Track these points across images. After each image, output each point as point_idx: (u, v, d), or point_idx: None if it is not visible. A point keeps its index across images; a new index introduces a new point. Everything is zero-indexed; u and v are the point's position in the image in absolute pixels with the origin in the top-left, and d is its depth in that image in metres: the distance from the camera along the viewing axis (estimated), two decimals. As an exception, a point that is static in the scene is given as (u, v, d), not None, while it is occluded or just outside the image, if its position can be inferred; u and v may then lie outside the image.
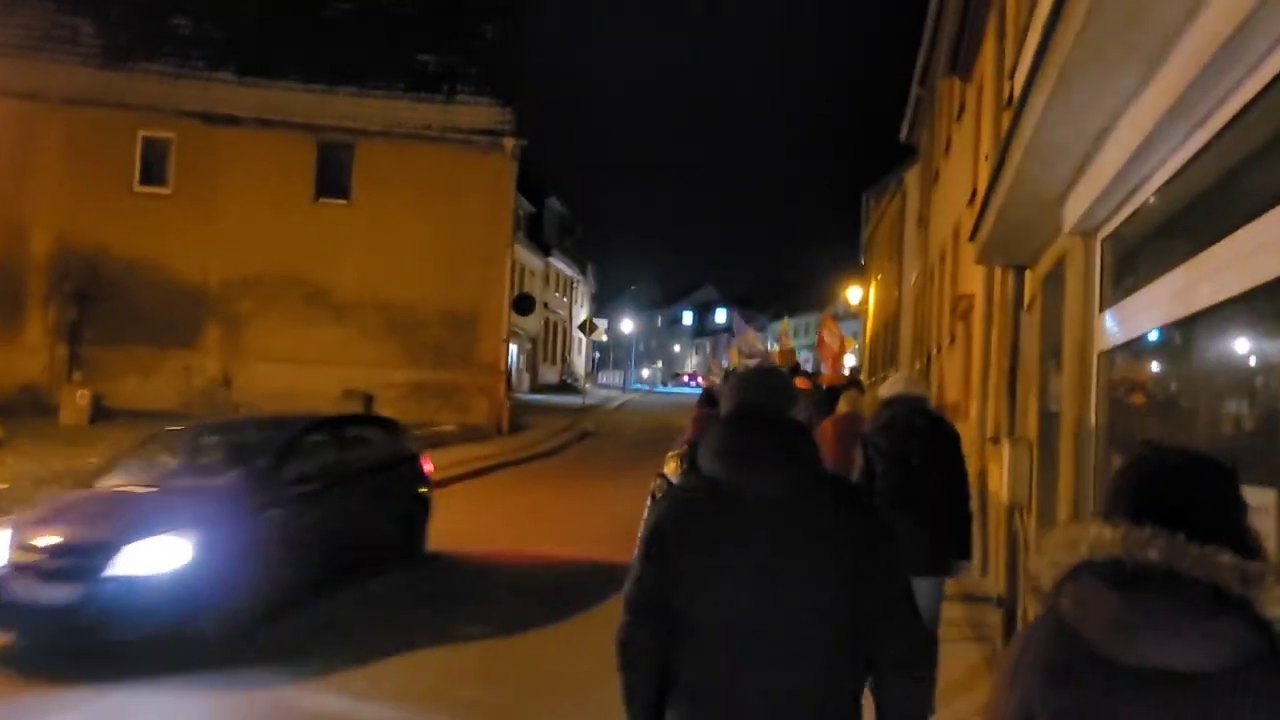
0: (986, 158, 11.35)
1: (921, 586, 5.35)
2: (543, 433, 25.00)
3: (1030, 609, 5.31)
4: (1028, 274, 8.00)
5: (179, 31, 24.37)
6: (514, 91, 25.09)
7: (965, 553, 6.03)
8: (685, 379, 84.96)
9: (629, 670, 2.56)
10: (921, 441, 5.89)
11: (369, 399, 23.43)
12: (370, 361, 23.67)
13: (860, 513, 2.53)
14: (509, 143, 24.12)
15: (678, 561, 2.47)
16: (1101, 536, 1.75)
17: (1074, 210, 5.48)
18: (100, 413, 20.39)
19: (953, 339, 15.51)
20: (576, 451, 22.68)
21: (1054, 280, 6.99)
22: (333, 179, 24.00)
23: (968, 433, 12.57)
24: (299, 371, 23.24)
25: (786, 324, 32.59)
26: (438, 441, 21.25)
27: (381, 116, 24.04)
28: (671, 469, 5.15)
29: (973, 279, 12.32)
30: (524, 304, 28.74)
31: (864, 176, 40.33)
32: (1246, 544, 1.72)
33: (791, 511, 2.45)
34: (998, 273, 9.92)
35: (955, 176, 16.04)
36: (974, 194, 13.46)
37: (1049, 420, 6.93)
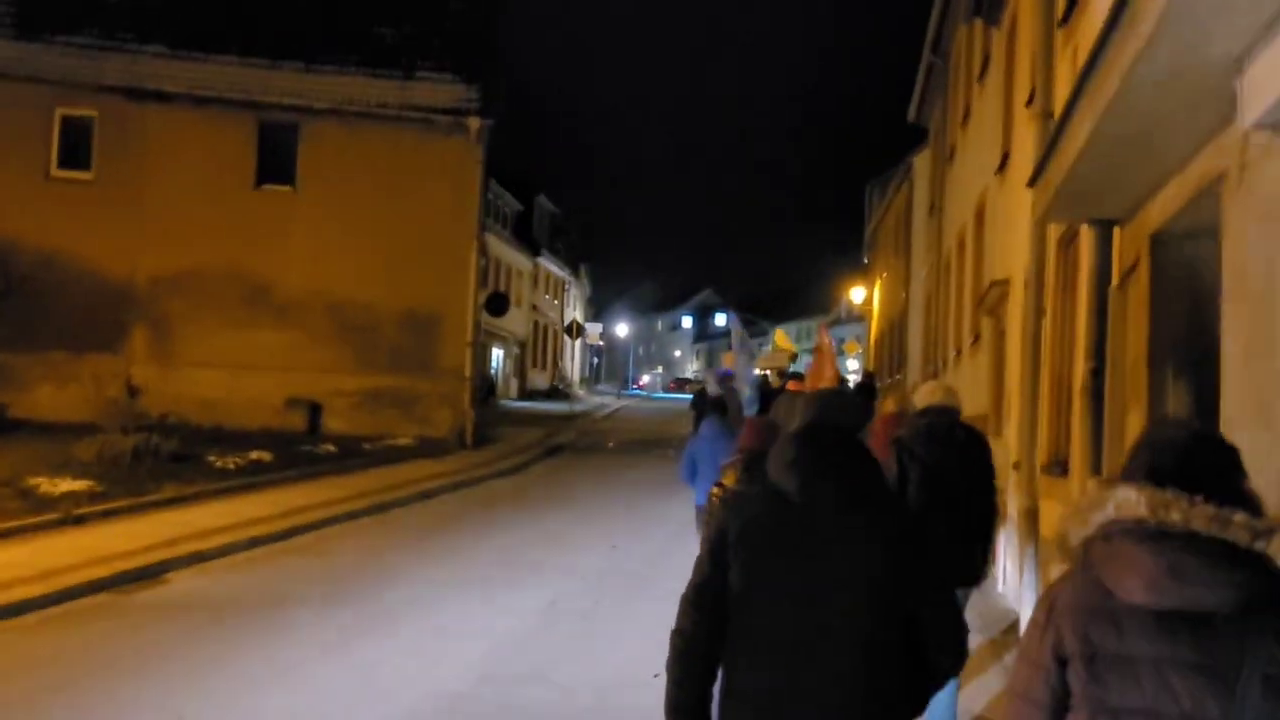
0: (1029, 103, 8.83)
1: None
2: (510, 446, 22.51)
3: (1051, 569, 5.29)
4: (1120, 233, 5.48)
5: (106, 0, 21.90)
6: (481, 68, 22.62)
7: (990, 560, 6.20)
8: (673, 386, 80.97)
9: (681, 660, 2.68)
10: (959, 453, 5.84)
11: (316, 409, 21.02)
12: (318, 367, 21.18)
13: (909, 523, 2.70)
14: (474, 123, 21.63)
15: (740, 565, 2.62)
16: (1129, 499, 1.97)
17: (1265, 88, 2.98)
18: (2, 425, 17.96)
19: (976, 338, 12.97)
20: (541, 469, 20.16)
21: (1179, 239, 4.49)
22: (276, 163, 21.50)
23: (1001, 459, 10.04)
24: (237, 378, 20.77)
25: (779, 333, 30.91)
26: (388, 457, 18.76)
27: (330, 94, 21.58)
28: (730, 479, 4.91)
29: (1009, 258, 9.80)
30: (497, 303, 26.30)
31: (869, 170, 37.82)
32: (1250, 504, 1.96)
33: (848, 521, 2.59)
34: (1053, 242, 7.41)
35: (978, 145, 13.52)
36: (1005, 159, 10.94)
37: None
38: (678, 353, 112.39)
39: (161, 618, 8.31)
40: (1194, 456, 2.01)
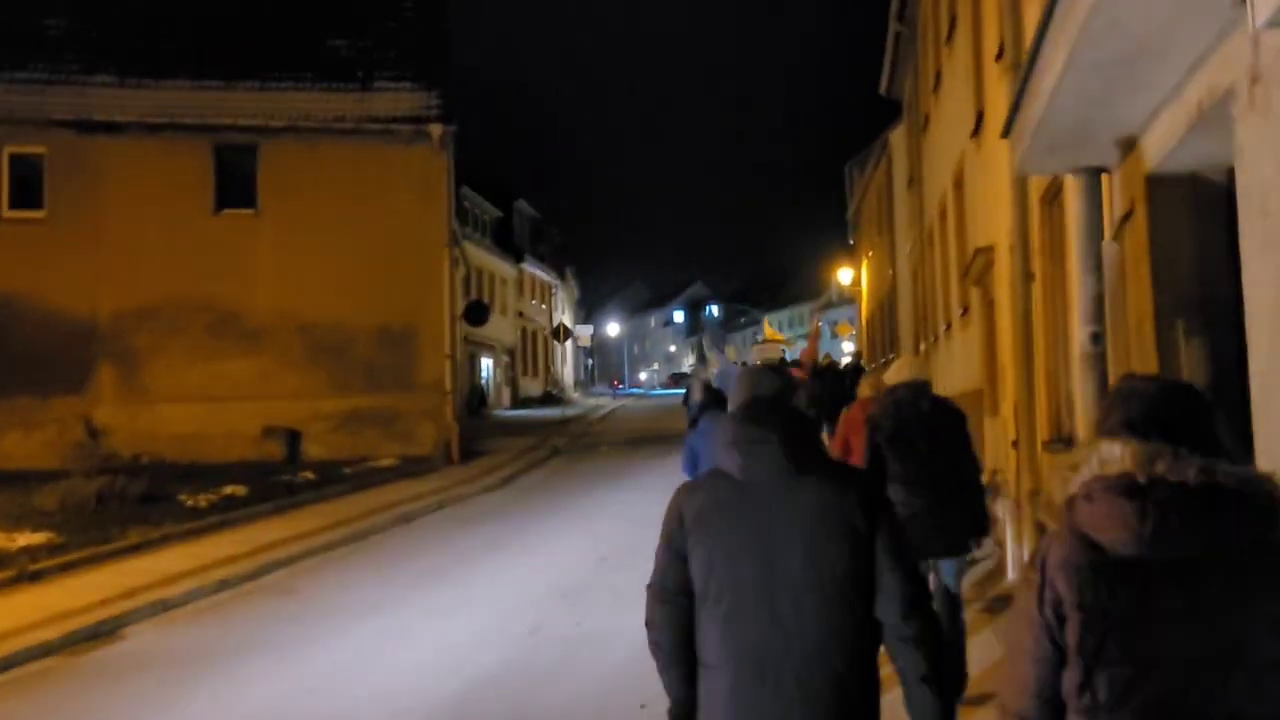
0: (999, 57, 8.26)
1: (943, 568, 5.88)
2: (498, 458, 21.90)
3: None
4: (1109, 180, 4.88)
5: (51, 33, 21.27)
6: (440, 73, 22.02)
7: (982, 529, 6.12)
8: (670, 382, 79.93)
9: (657, 651, 2.81)
10: (927, 425, 5.87)
11: (294, 436, 20.41)
12: (294, 393, 20.57)
13: (855, 488, 2.71)
14: (436, 130, 21.01)
15: (698, 549, 2.71)
16: (1112, 453, 2.00)
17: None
18: (-32, 477, 17.31)
19: (965, 311, 12.41)
20: (530, 480, 19.52)
21: (1180, 178, 3.90)
22: (235, 187, 20.87)
23: (998, 437, 9.44)
24: (211, 411, 20.15)
25: (767, 322, 31.16)
26: (369, 480, 18.17)
27: (287, 111, 20.95)
28: None
29: (992, 223, 9.23)
30: (476, 313, 25.72)
31: (851, 150, 37.15)
32: (1226, 451, 1.99)
33: (794, 491, 2.67)
34: (1036, 200, 6.84)
35: (952, 110, 12.94)
36: (979, 120, 10.36)
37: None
38: (673, 348, 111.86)
39: (111, 679, 7.69)
40: (1165, 406, 2.04)
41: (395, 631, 8.68)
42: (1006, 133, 5.09)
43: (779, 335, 27.93)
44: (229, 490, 15.48)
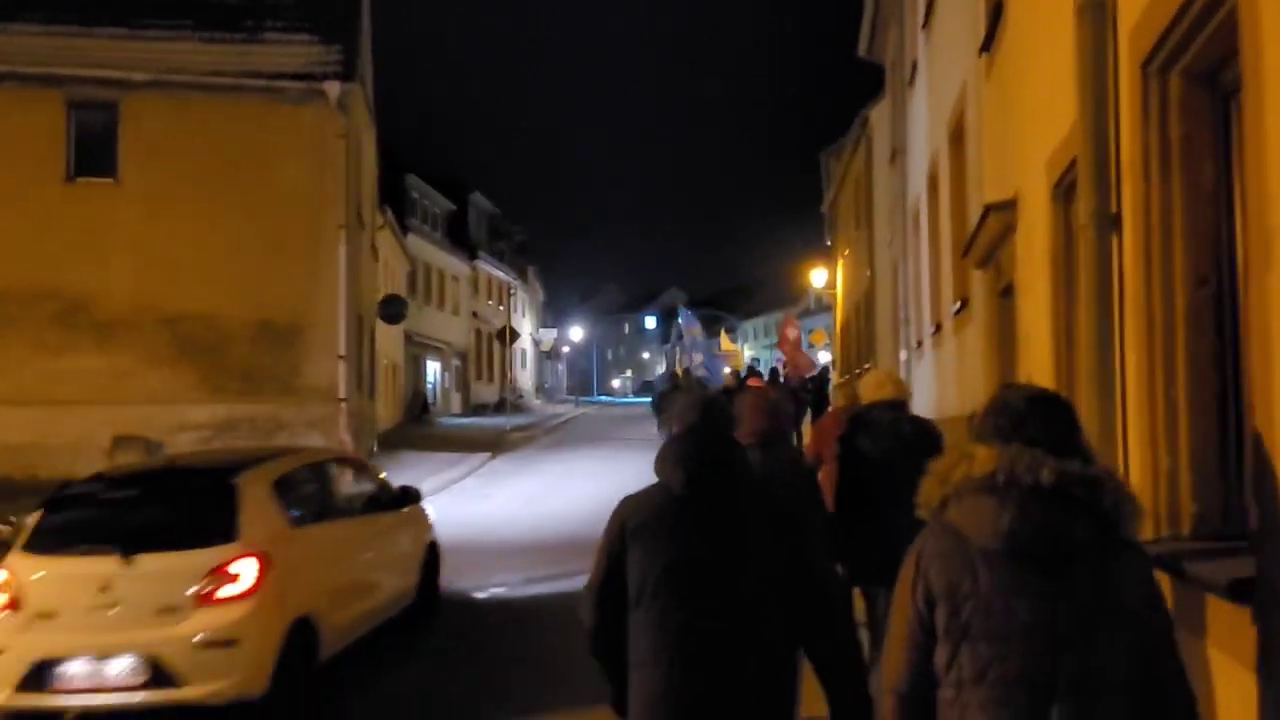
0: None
1: None
2: (412, 475, 18.58)
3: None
4: None
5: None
6: (344, 25, 18.80)
7: None
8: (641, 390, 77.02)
9: (596, 653, 3.14)
10: (906, 446, 5.51)
11: (154, 448, 17.01)
12: (155, 397, 17.24)
13: (779, 504, 3.11)
14: (332, 89, 17.72)
15: (636, 556, 2.99)
16: (980, 455, 2.27)
17: None
18: None
19: (962, 305, 9.24)
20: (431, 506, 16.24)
21: None
22: (92, 151, 17.55)
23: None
24: (52, 417, 16.84)
25: (724, 335, 29.71)
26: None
27: (155, 62, 17.63)
28: None
29: (1015, 166, 6.04)
30: (393, 308, 22.46)
31: (823, 143, 34.04)
32: (1085, 455, 2.30)
33: (726, 506, 3.01)
34: (1130, 71, 3.64)
35: (949, 37, 9.78)
36: (994, 22, 7.19)
37: None
38: (646, 355, 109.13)
39: None
40: (1031, 417, 2.31)
41: None
42: None
43: (732, 346, 27.47)
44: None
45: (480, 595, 9.95)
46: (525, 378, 57.14)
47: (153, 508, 6.62)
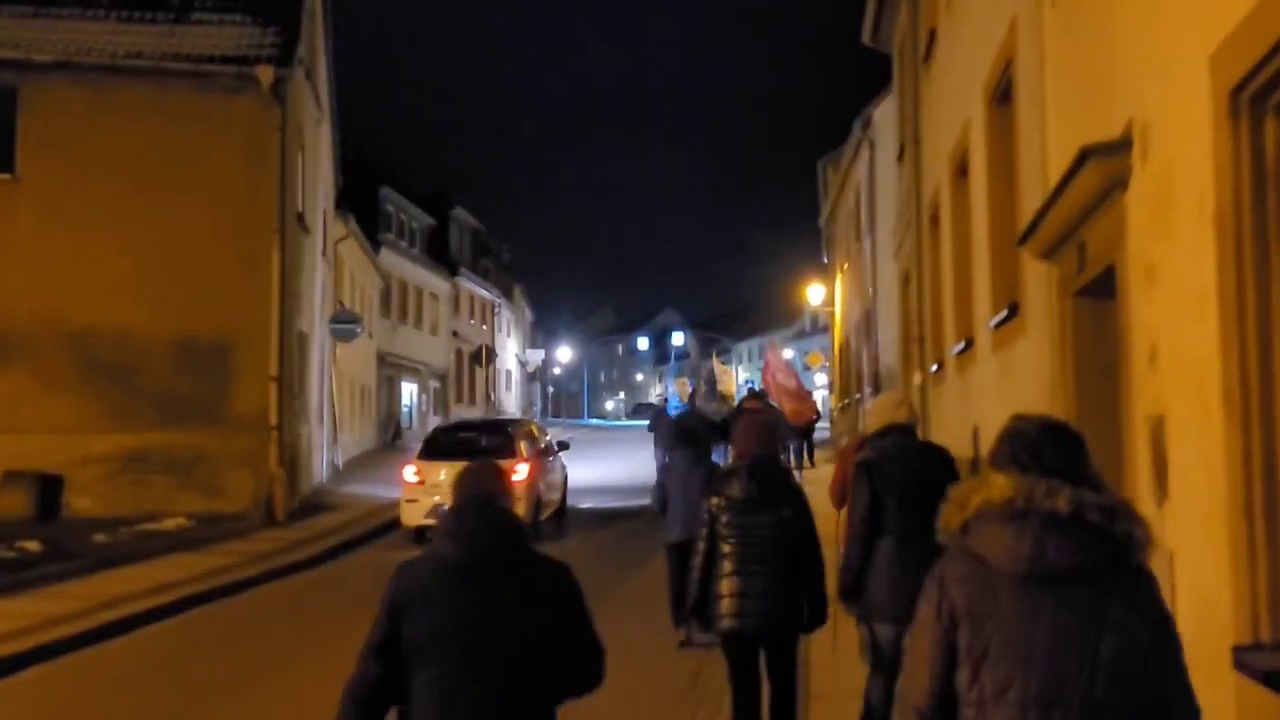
0: None
1: None
2: (347, 515, 16.43)
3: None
4: None
5: None
6: (283, 7, 16.72)
7: None
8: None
9: (356, 704, 3.07)
10: (921, 472, 5.28)
11: (52, 484, 14.85)
12: (55, 425, 15.02)
13: (540, 568, 3.20)
14: (266, 74, 15.57)
15: (412, 622, 3.04)
16: (998, 483, 2.34)
17: None
18: None
19: (1010, 314, 7.06)
20: (383, 547, 14.06)
21: None
22: (-13, 143, 15.40)
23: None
24: (-68, 449, 14.57)
25: (716, 359, 29.95)
26: (134, 551, 12.59)
27: (63, 43, 15.51)
28: (735, 489, 5.14)
29: (1150, 74, 3.87)
30: (343, 323, 20.20)
31: (822, 152, 31.94)
32: (1095, 483, 2.35)
33: (501, 574, 3.10)
34: None
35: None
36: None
37: None
38: (639, 376, 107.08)
39: None
40: (1045, 445, 2.39)
41: None
42: None
43: (725, 369, 25.96)
44: None
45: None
46: (510, 400, 54.77)
47: (478, 437, 15.33)
